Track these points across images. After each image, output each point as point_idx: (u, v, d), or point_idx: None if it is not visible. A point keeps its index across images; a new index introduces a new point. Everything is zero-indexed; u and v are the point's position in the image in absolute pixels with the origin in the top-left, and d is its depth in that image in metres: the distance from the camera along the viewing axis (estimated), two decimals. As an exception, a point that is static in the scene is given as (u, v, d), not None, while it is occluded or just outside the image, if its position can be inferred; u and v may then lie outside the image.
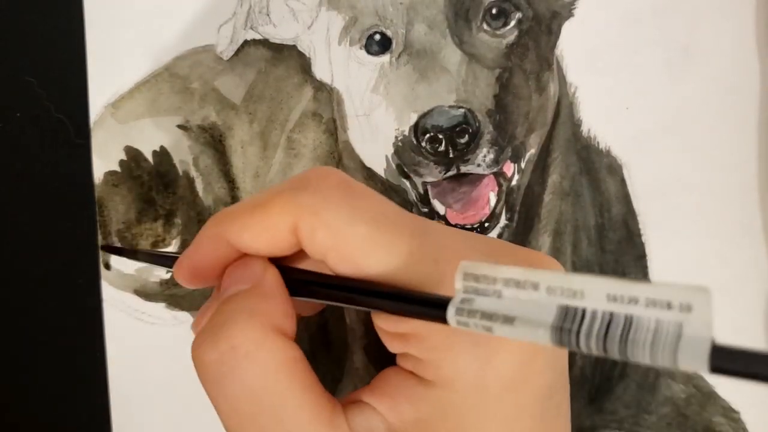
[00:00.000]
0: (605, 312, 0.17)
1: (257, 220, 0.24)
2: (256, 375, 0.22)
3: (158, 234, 0.35)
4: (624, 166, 0.36)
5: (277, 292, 0.24)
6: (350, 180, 0.25)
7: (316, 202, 0.23)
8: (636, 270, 0.36)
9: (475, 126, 0.33)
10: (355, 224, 0.23)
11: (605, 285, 0.17)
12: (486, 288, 0.19)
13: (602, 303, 0.17)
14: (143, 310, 0.35)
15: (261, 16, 0.35)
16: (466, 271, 0.19)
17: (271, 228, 0.23)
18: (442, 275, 0.23)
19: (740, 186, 0.36)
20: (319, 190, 0.23)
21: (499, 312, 0.19)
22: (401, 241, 0.23)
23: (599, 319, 0.17)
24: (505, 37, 0.35)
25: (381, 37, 0.35)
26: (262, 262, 0.24)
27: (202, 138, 0.35)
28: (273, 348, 0.23)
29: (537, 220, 0.36)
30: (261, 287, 0.24)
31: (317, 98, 0.35)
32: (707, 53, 0.36)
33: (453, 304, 0.19)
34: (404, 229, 0.23)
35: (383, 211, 0.24)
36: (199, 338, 0.23)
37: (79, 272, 0.34)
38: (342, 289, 0.23)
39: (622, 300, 0.17)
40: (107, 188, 0.35)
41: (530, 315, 0.18)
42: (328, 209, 0.23)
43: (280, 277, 0.24)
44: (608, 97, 0.36)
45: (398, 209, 0.24)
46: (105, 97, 0.35)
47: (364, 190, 0.24)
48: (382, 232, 0.23)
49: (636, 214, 0.36)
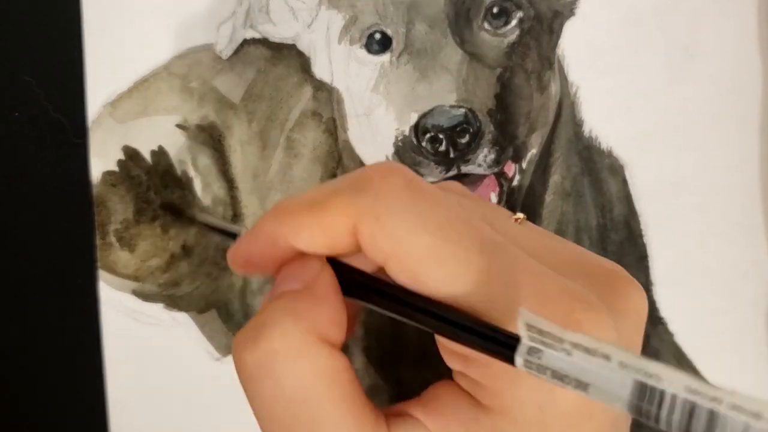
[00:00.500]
0: (686, 400, 0.16)
1: (315, 221, 0.22)
2: (295, 383, 0.21)
3: (156, 234, 0.35)
4: (626, 167, 0.35)
5: (329, 298, 0.22)
6: (416, 180, 0.22)
7: (378, 206, 0.21)
8: (638, 271, 0.35)
9: (476, 126, 0.33)
10: (420, 233, 0.21)
11: (684, 379, 0.17)
12: (553, 344, 0.18)
13: (681, 392, 0.17)
14: (141, 310, 0.35)
15: (260, 15, 0.35)
16: (528, 322, 0.18)
17: (329, 229, 0.22)
18: (512, 301, 0.21)
19: (742, 186, 0.36)
20: (382, 192, 0.22)
21: (571, 375, 0.18)
22: (468, 257, 0.21)
23: (679, 407, 0.17)
24: (506, 36, 0.35)
25: (381, 36, 0.35)
26: (318, 263, 0.23)
27: (200, 137, 0.35)
28: (315, 356, 0.21)
29: (538, 221, 0.35)
30: (313, 290, 0.22)
31: (317, 98, 0.35)
32: (709, 53, 0.36)
33: (520, 354, 0.18)
34: (473, 243, 0.21)
35: (452, 219, 0.22)
36: (241, 334, 0.22)
37: (76, 272, 0.34)
38: (400, 302, 0.22)
39: (703, 396, 0.16)
40: (105, 188, 0.35)
41: (605, 385, 0.17)
42: (390, 215, 0.21)
43: (335, 281, 0.23)
44: (610, 97, 0.35)
45: (468, 217, 0.22)
46: (103, 97, 0.35)
47: (432, 194, 0.22)
48: (448, 245, 0.21)
49: (638, 215, 0.35)
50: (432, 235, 0.21)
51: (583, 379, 0.18)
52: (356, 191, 0.22)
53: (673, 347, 0.35)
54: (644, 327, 0.24)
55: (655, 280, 0.35)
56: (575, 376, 0.18)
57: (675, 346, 0.35)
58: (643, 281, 0.35)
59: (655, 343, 0.35)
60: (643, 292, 0.24)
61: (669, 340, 0.35)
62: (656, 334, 0.35)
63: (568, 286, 0.22)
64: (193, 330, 0.35)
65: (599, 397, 0.17)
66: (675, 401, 0.17)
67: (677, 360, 0.35)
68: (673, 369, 0.17)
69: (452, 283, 0.21)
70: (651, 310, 0.35)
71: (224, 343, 0.35)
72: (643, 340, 0.35)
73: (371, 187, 0.22)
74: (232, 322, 0.35)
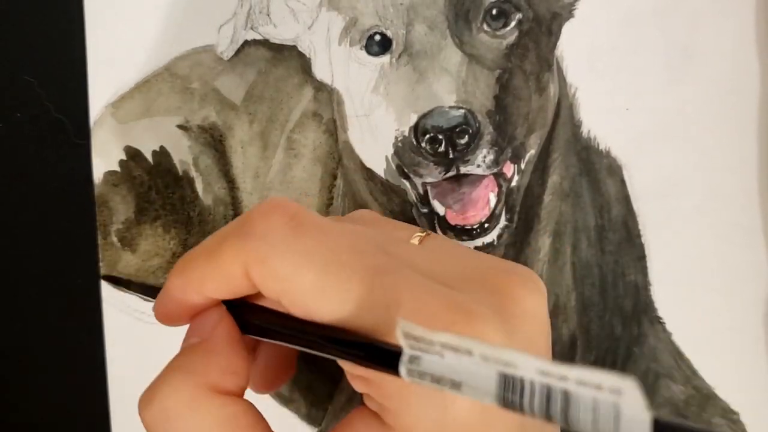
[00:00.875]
0: (542, 385, 0.17)
1: (213, 268, 0.24)
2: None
3: (158, 234, 0.35)
4: (624, 167, 0.36)
5: (224, 349, 0.24)
6: (300, 214, 0.24)
7: (262, 249, 0.23)
8: (636, 271, 0.36)
9: (475, 127, 0.33)
10: (303, 271, 0.22)
11: (536, 363, 0.17)
12: (428, 348, 0.19)
13: (535, 375, 0.17)
14: (142, 309, 0.35)
15: (261, 17, 0.35)
16: (404, 330, 0.19)
17: (227, 276, 0.23)
18: (393, 322, 0.21)
19: (740, 187, 0.36)
20: (265, 234, 0.23)
21: (446, 376, 0.18)
22: (350, 287, 0.22)
23: (538, 392, 0.17)
24: (505, 37, 0.35)
25: (381, 38, 0.35)
26: (217, 315, 0.24)
27: (202, 138, 0.35)
28: (207, 408, 0.23)
29: (537, 221, 0.36)
30: (208, 343, 0.24)
31: (317, 98, 0.35)
32: (707, 54, 0.36)
33: (403, 364, 0.19)
34: (355, 273, 0.22)
35: (335, 250, 0.23)
36: (143, 394, 0.24)
37: (78, 272, 0.35)
38: (297, 332, 0.23)
39: (552, 376, 0.17)
40: (107, 188, 0.35)
41: (474, 381, 0.18)
42: (274, 255, 0.23)
43: (232, 330, 0.24)
44: (608, 98, 0.36)
45: (354, 244, 0.23)
46: (105, 97, 0.35)
47: (316, 226, 0.24)
48: (330, 278, 0.22)
49: (636, 215, 0.36)
50: (316, 271, 0.22)
51: (455, 379, 0.18)
52: (242, 236, 0.23)
53: (670, 346, 0.36)
54: (548, 327, 0.25)
55: (653, 280, 0.35)
56: (449, 377, 0.18)
57: (673, 345, 0.35)
58: (641, 281, 0.36)
59: (652, 343, 0.36)
60: (540, 292, 0.25)
61: (667, 340, 0.36)
62: (654, 334, 0.36)
63: (453, 299, 0.22)
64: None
65: (472, 395, 0.18)
66: (534, 387, 0.17)
67: (675, 359, 0.35)
68: (527, 355, 0.17)
69: (338, 312, 0.22)
70: (649, 310, 0.36)
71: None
72: (641, 340, 0.36)
73: (255, 229, 0.23)
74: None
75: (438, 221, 0.35)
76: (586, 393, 0.17)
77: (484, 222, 0.35)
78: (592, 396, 0.17)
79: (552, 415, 0.17)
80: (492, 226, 0.35)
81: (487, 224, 0.35)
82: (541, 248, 0.35)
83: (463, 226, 0.35)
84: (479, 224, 0.35)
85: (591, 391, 0.17)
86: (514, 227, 0.35)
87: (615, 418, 0.16)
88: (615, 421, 0.16)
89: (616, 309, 0.36)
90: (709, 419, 0.35)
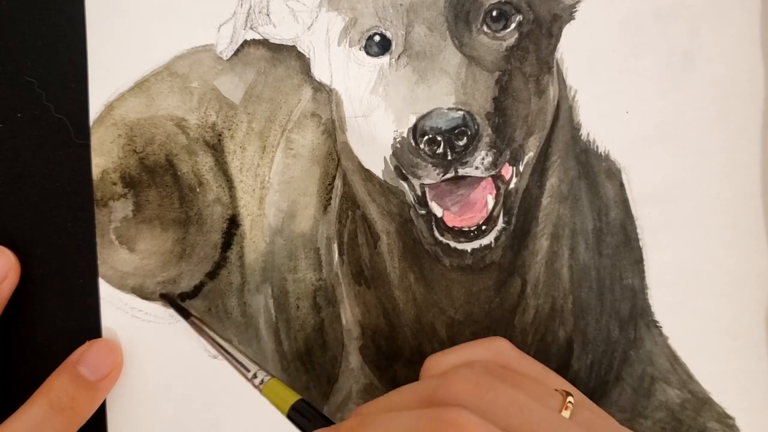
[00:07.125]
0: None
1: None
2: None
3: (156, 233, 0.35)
4: (623, 171, 0.36)
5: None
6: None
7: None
8: (633, 274, 0.36)
9: (473, 128, 0.33)
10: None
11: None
12: None
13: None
14: (141, 308, 0.35)
15: (261, 17, 0.35)
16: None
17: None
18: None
19: (739, 191, 0.36)
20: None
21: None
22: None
23: None
24: (505, 39, 0.35)
25: (381, 39, 0.35)
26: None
27: (200, 138, 0.35)
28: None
29: (535, 224, 0.35)
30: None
31: (316, 99, 0.35)
32: (708, 58, 0.35)
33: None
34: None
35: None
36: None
37: (77, 271, 0.35)
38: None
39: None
40: (106, 187, 0.35)
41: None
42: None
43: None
44: (608, 101, 0.35)
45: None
46: (105, 96, 0.35)
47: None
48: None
49: (634, 219, 0.36)
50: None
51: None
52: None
53: (667, 350, 0.35)
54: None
55: (650, 284, 0.35)
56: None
57: (669, 349, 0.35)
58: (638, 285, 0.36)
59: (649, 346, 0.35)
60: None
61: (663, 343, 0.35)
62: (650, 337, 0.36)
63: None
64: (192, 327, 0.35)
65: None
66: None
67: (671, 363, 0.35)
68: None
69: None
70: (645, 314, 0.36)
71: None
72: (638, 343, 0.36)
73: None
74: (229, 320, 0.35)
75: (436, 223, 0.35)
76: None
77: (481, 224, 0.35)
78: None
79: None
80: (489, 228, 0.35)
81: (485, 226, 0.35)
82: (538, 251, 0.35)
83: (461, 228, 0.35)
84: (477, 226, 0.35)
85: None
86: (511, 229, 0.35)
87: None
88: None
89: (613, 312, 0.36)
90: (705, 423, 0.35)
